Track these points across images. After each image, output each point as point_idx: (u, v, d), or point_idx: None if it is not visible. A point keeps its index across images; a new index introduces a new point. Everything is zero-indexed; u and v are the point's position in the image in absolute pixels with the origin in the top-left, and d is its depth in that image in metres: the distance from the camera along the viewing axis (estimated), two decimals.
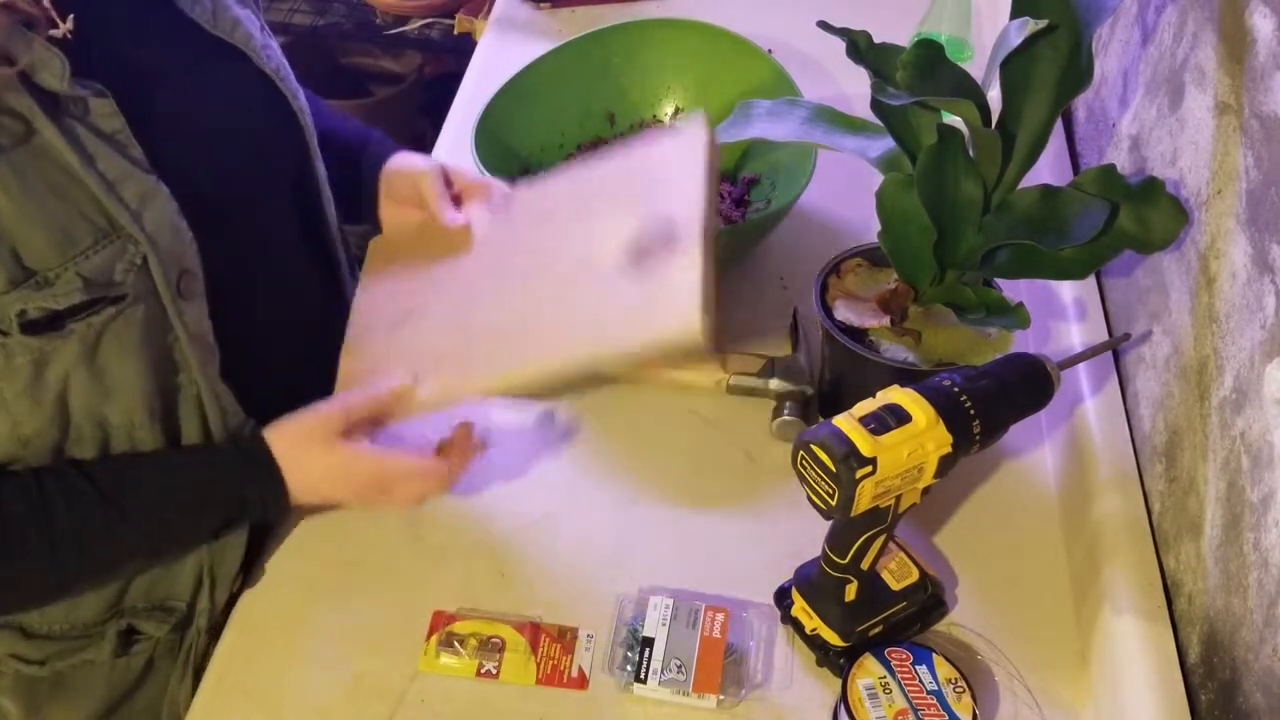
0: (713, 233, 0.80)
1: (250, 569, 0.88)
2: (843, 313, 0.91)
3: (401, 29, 2.15)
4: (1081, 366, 0.96)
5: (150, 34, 0.79)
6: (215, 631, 0.87)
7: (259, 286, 0.88)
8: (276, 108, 0.88)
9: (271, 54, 0.87)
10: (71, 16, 0.71)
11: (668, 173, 0.86)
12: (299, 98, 0.90)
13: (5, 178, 0.67)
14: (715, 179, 0.84)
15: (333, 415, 0.81)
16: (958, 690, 0.76)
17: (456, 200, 0.94)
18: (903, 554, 0.84)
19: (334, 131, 0.98)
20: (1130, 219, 0.84)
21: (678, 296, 0.76)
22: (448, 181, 0.95)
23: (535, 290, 0.86)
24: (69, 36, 0.71)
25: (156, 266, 0.73)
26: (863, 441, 0.69)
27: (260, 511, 0.83)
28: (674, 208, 0.82)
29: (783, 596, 0.85)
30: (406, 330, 0.91)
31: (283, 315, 0.92)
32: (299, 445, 0.81)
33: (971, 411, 0.73)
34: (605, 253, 0.83)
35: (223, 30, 0.82)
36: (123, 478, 0.78)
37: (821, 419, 0.97)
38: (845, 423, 0.71)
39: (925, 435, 0.71)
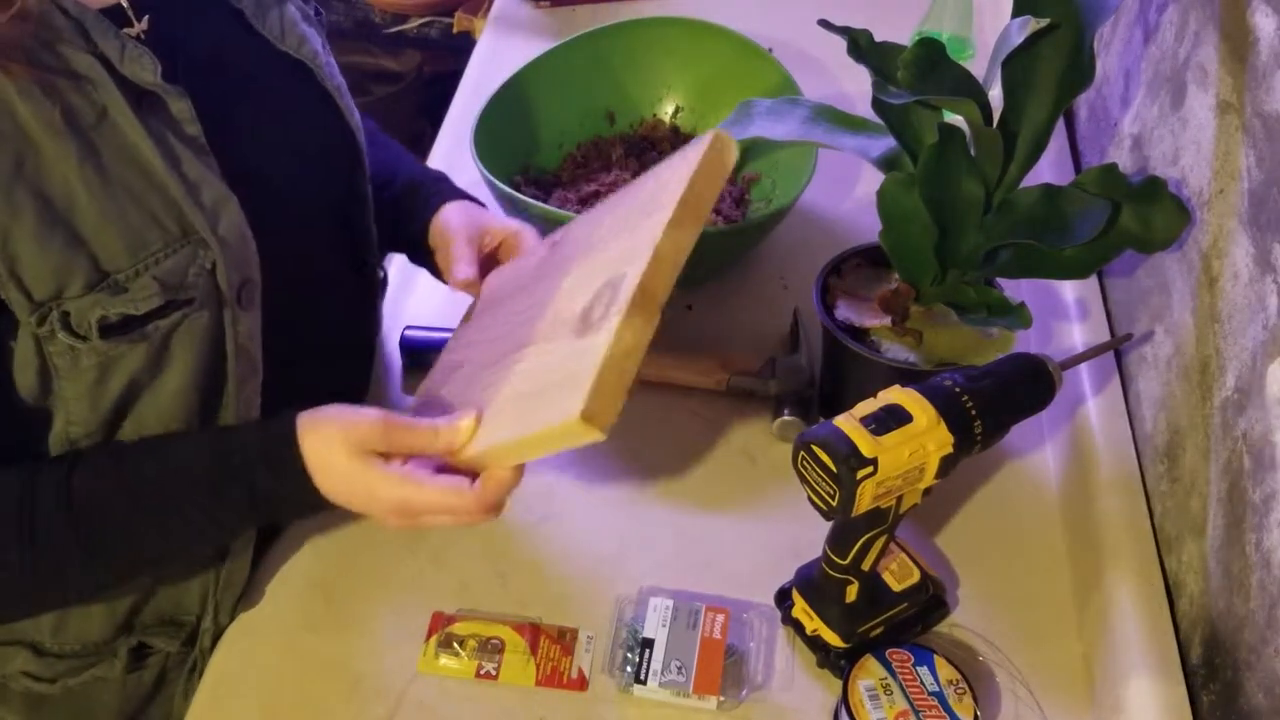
0: (665, 283, 0.63)
1: (251, 579, 0.87)
2: (843, 313, 0.91)
3: (400, 28, 2.15)
4: (1083, 366, 0.96)
5: (223, 44, 0.80)
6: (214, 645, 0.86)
7: (302, 303, 0.85)
8: (335, 124, 0.88)
9: (333, 71, 0.88)
10: (146, 17, 0.72)
11: (648, 210, 0.69)
12: (355, 115, 0.90)
13: (90, 177, 0.67)
14: (697, 212, 0.66)
15: (373, 429, 0.71)
16: (959, 691, 0.75)
17: (490, 258, 0.90)
18: (904, 555, 0.84)
19: (397, 169, 0.97)
20: (1132, 218, 0.83)
21: (568, 382, 0.62)
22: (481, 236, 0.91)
23: (509, 352, 0.74)
24: (142, 36, 0.72)
25: (223, 272, 0.73)
26: (864, 442, 0.69)
27: (278, 497, 0.74)
28: (630, 254, 0.66)
29: (783, 597, 0.85)
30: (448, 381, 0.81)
31: (322, 333, 0.91)
32: (329, 443, 0.72)
33: (973, 412, 0.73)
34: (564, 309, 0.70)
35: (290, 46, 0.83)
36: (123, 459, 0.74)
37: (822, 419, 0.96)
38: (846, 423, 0.70)
39: (926, 436, 0.71)
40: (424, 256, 0.94)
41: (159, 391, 0.75)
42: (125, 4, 0.71)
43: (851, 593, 0.79)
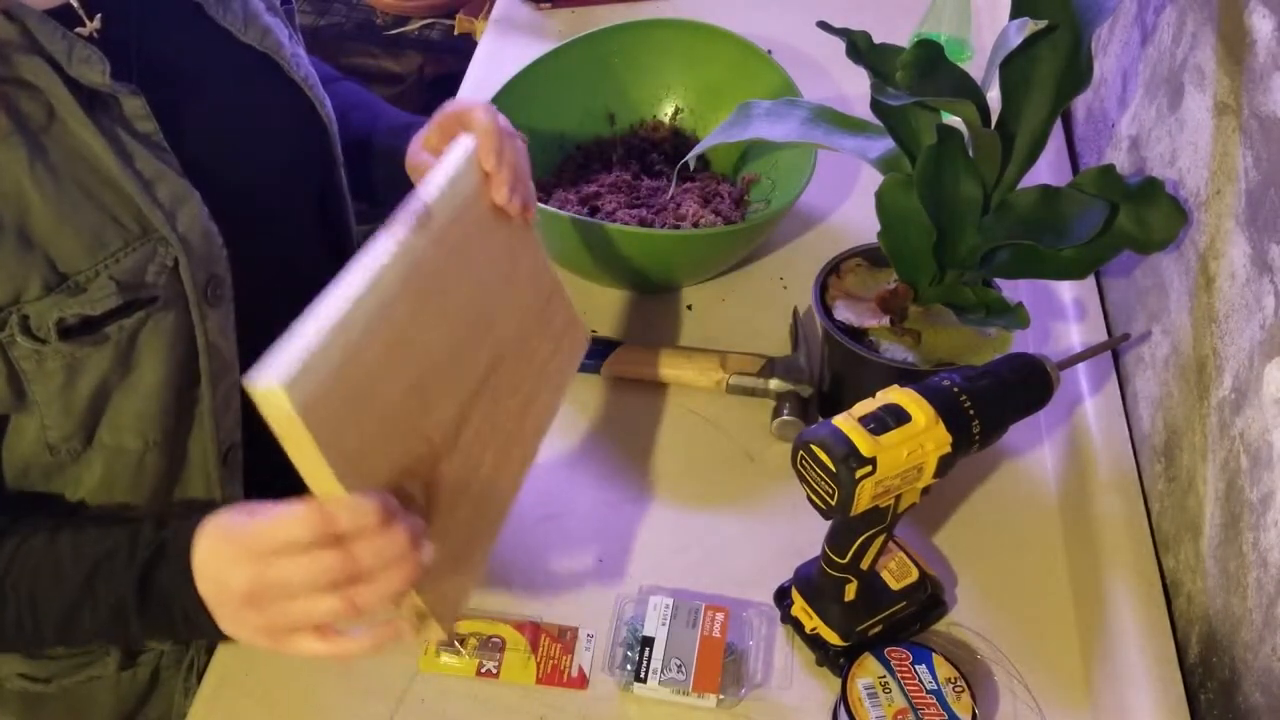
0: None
1: None
2: (843, 313, 0.92)
3: (402, 29, 2.15)
4: (1081, 366, 0.96)
5: (181, 39, 0.79)
6: (214, 646, 0.86)
7: (281, 298, 0.83)
8: (304, 116, 0.88)
9: (300, 62, 0.87)
10: (99, 16, 0.72)
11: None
12: (326, 105, 0.89)
13: (41, 179, 0.67)
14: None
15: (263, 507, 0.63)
16: (957, 690, 0.76)
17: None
18: (902, 554, 0.84)
19: (377, 129, 0.95)
20: (1129, 219, 0.84)
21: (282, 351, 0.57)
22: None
23: None
24: (95, 35, 0.71)
25: (186, 270, 0.72)
26: (862, 441, 0.69)
27: (161, 592, 0.68)
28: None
29: (782, 596, 0.85)
30: None
31: None
32: (219, 515, 0.66)
33: (971, 411, 0.73)
34: None
35: (253, 38, 0.82)
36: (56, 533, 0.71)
37: (821, 419, 0.97)
38: (845, 423, 0.71)
39: (925, 435, 0.71)
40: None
41: (132, 392, 0.74)
42: (75, 4, 0.71)
43: (850, 591, 0.80)
